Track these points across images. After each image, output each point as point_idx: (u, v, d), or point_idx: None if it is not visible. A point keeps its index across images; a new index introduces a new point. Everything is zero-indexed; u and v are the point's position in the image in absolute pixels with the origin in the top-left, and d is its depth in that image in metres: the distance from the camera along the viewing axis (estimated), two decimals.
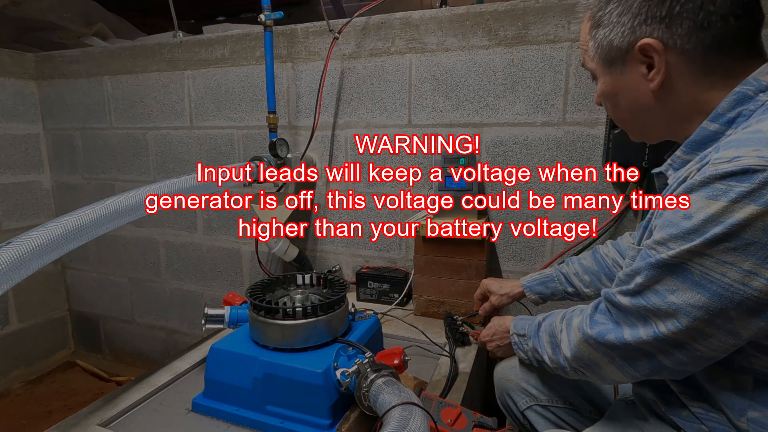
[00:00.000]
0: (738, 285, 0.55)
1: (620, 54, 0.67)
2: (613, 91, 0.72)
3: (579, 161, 1.35)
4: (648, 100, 0.68)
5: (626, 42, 0.66)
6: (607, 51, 0.69)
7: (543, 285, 1.10)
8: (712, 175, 0.56)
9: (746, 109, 0.60)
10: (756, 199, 0.52)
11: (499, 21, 1.36)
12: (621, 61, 0.68)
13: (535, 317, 0.89)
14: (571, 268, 1.08)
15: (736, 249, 0.54)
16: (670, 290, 0.60)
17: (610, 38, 0.67)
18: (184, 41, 1.80)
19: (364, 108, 1.58)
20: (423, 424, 0.68)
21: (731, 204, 0.54)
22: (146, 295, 2.15)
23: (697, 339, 0.59)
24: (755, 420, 0.61)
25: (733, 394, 0.63)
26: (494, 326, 1.01)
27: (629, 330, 0.65)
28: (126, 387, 1.03)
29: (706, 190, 0.56)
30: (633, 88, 0.69)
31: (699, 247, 0.56)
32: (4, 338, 2.10)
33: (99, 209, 0.87)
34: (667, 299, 0.60)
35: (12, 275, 0.70)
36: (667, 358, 0.63)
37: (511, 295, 1.14)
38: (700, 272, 0.57)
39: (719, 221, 0.55)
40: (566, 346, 0.76)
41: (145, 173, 2.01)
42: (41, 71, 2.12)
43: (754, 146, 0.54)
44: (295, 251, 1.65)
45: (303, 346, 0.90)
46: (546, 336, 0.82)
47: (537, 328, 0.86)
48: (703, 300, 0.57)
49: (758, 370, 0.61)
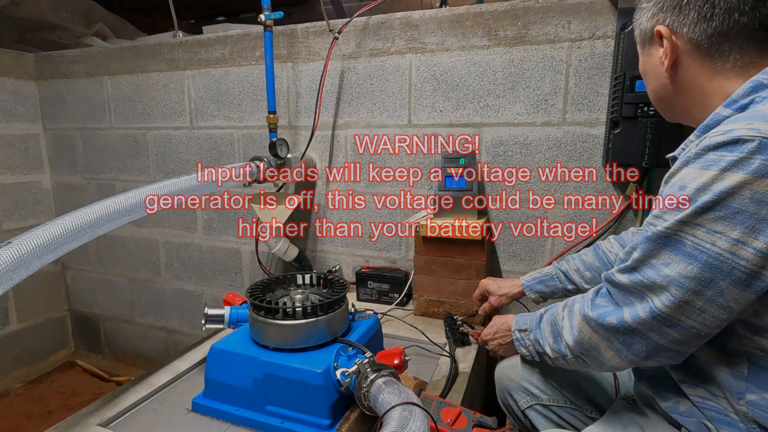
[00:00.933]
0: (727, 254, 0.56)
1: (646, 37, 0.74)
2: (643, 69, 0.78)
3: (579, 161, 1.35)
4: (665, 80, 0.73)
5: (649, 26, 0.72)
6: (639, 33, 0.76)
7: (543, 284, 1.10)
8: (706, 146, 0.58)
9: (759, 96, 0.62)
10: (744, 168, 0.54)
11: (499, 21, 1.36)
12: (648, 44, 0.74)
13: (537, 312, 0.89)
14: (571, 265, 1.08)
15: (724, 218, 0.56)
16: (664, 263, 0.61)
17: (641, 21, 0.74)
18: (184, 41, 1.80)
19: (364, 108, 1.58)
20: (423, 424, 0.68)
21: (721, 172, 0.56)
22: (146, 295, 2.15)
23: (690, 314, 0.60)
24: (753, 402, 0.62)
25: (731, 378, 0.64)
26: (495, 325, 1.01)
27: (628, 309, 0.66)
28: (126, 387, 1.03)
29: (700, 161, 0.58)
30: (654, 69, 0.74)
31: (690, 217, 0.58)
32: (4, 338, 2.10)
33: (99, 209, 0.87)
34: (662, 272, 0.61)
35: (12, 275, 0.70)
36: (662, 337, 0.64)
37: (511, 295, 1.15)
38: (691, 243, 0.59)
39: (709, 189, 0.56)
40: (568, 333, 0.76)
41: (145, 173, 2.01)
42: (41, 71, 2.12)
43: (748, 120, 0.56)
44: (295, 251, 1.65)
45: (303, 346, 0.90)
46: (548, 326, 0.83)
47: (538, 320, 0.87)
48: (695, 271, 0.58)
49: (751, 353, 0.62)
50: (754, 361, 0.62)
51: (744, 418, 0.63)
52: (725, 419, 0.65)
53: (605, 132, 1.28)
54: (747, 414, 0.62)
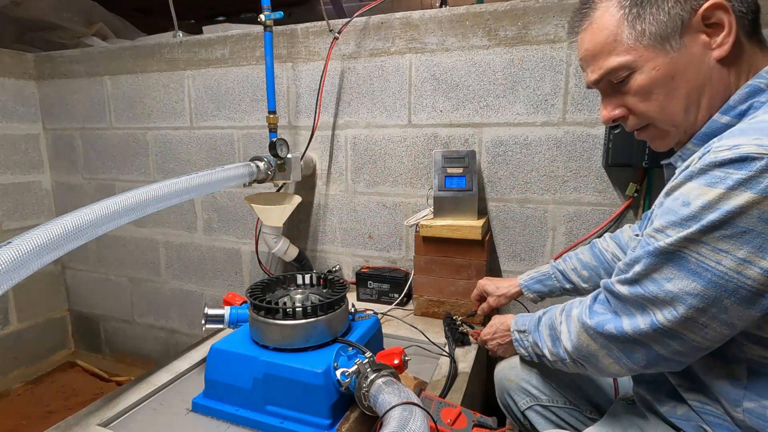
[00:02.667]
0: (732, 273, 0.55)
1: (676, 27, 0.62)
2: (669, 73, 0.64)
3: (579, 161, 1.35)
4: (710, 72, 0.63)
5: (687, 8, 0.61)
6: (662, 27, 0.63)
7: (540, 283, 1.10)
8: (711, 162, 0.56)
9: (757, 101, 0.60)
10: (752, 187, 0.52)
11: (499, 21, 1.36)
12: (678, 35, 0.63)
13: (536, 313, 0.89)
14: (568, 264, 1.08)
15: (731, 237, 0.54)
16: (667, 278, 0.60)
17: (666, 11, 0.62)
18: (184, 41, 1.80)
19: (364, 108, 1.58)
20: (423, 424, 0.68)
21: (728, 191, 0.54)
22: (146, 295, 2.15)
23: (692, 329, 0.60)
24: (751, 410, 0.61)
25: (729, 385, 0.63)
26: (495, 325, 1.01)
27: (628, 320, 0.65)
28: (126, 387, 1.03)
29: (705, 178, 0.56)
30: (694, 62, 0.63)
31: (695, 234, 0.56)
32: (4, 338, 2.10)
33: (99, 209, 0.87)
34: (664, 287, 0.60)
35: (12, 275, 0.70)
36: (663, 348, 0.63)
37: (509, 295, 1.14)
38: (696, 260, 0.57)
39: (715, 208, 0.55)
40: (566, 338, 0.76)
41: (145, 173, 2.01)
42: (41, 71, 2.12)
43: (755, 135, 0.54)
44: (295, 251, 1.65)
45: (303, 346, 0.90)
46: (546, 329, 0.82)
47: (537, 323, 0.86)
48: (699, 288, 0.57)
49: (751, 359, 0.61)
50: (754, 369, 0.61)
51: (742, 425, 0.63)
52: (724, 424, 0.65)
53: (605, 132, 1.28)
54: (744, 421, 0.62)
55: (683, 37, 0.63)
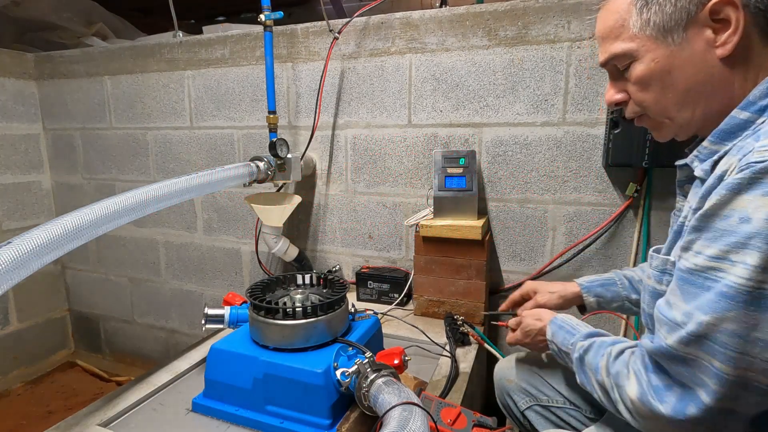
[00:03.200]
0: None
1: (681, 20, 0.60)
2: (667, 66, 0.62)
3: (579, 161, 1.35)
4: (711, 70, 0.60)
5: (694, 3, 0.59)
6: (666, 18, 0.61)
7: (603, 287, 0.97)
8: (763, 169, 0.49)
9: None
10: None
11: (499, 21, 1.36)
12: (681, 29, 0.60)
13: (574, 332, 0.79)
14: (637, 274, 0.96)
15: None
16: (750, 326, 0.49)
17: (673, 2, 0.60)
18: (184, 41, 1.80)
19: (364, 108, 1.58)
20: (423, 424, 0.68)
21: None
22: (146, 295, 2.15)
23: None
24: None
25: None
26: (530, 325, 0.91)
27: (703, 390, 0.53)
28: (126, 387, 1.03)
29: (761, 187, 0.49)
30: (695, 59, 0.61)
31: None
32: (4, 338, 2.10)
33: (99, 209, 0.87)
34: (751, 336, 0.49)
35: (12, 275, 0.70)
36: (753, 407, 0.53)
37: (563, 295, 1.00)
38: None
39: None
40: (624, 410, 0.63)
41: (145, 173, 2.01)
42: (41, 71, 2.12)
43: None
44: (295, 251, 1.65)
45: (303, 346, 0.90)
46: (596, 384, 0.70)
47: (580, 363, 0.74)
48: None
49: None
50: None
51: None
52: None
53: (605, 132, 1.28)
54: None
55: (687, 31, 0.60)
